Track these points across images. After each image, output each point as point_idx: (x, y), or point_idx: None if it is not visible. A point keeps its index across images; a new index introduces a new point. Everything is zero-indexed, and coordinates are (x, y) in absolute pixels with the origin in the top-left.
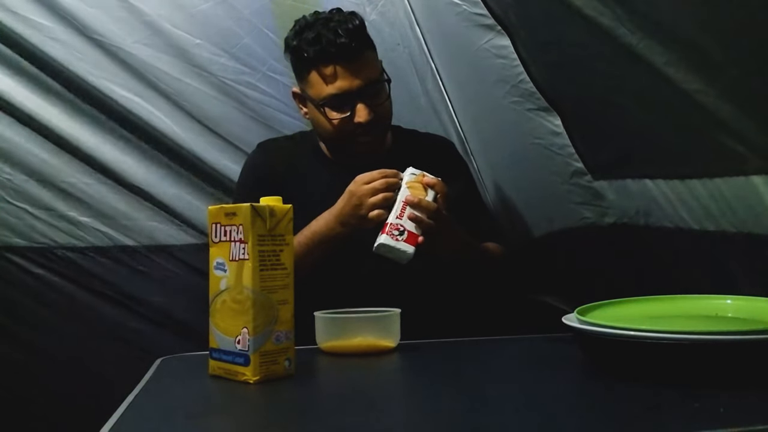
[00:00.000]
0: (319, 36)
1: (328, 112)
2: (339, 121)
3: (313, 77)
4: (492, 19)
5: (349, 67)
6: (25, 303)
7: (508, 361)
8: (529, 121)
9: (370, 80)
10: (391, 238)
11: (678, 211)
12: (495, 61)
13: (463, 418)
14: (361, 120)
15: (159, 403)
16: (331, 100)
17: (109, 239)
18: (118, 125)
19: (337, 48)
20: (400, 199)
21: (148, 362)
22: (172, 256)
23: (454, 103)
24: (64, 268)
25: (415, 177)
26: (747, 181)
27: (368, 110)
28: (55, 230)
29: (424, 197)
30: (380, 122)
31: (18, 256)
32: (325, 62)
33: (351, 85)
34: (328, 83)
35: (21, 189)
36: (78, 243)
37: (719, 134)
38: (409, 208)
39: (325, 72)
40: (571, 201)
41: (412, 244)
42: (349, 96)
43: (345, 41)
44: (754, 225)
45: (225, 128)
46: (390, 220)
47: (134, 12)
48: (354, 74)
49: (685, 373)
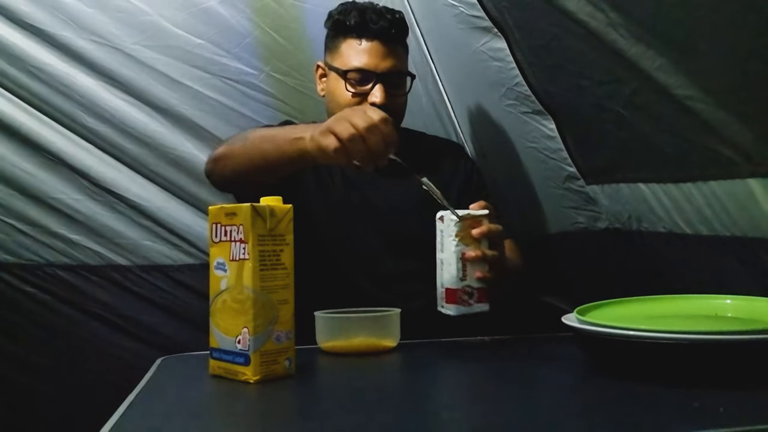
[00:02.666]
0: (365, 11)
1: (347, 84)
2: (354, 95)
3: (344, 46)
4: (489, 22)
5: (381, 49)
6: (15, 321)
7: (508, 361)
8: (524, 125)
9: (396, 68)
10: (463, 306)
11: (671, 215)
12: (491, 64)
13: (463, 418)
14: (376, 100)
15: (159, 403)
16: (355, 72)
17: (101, 258)
18: (112, 134)
19: (378, 26)
20: (455, 257)
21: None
22: (168, 276)
23: (453, 105)
24: (53, 285)
25: (462, 224)
26: (743, 184)
27: (385, 94)
28: (44, 247)
29: (479, 246)
30: (391, 112)
31: (6, 273)
32: (361, 35)
33: (378, 66)
34: (357, 56)
35: (7, 204)
36: (69, 261)
37: (711, 140)
38: (470, 265)
39: (358, 44)
40: (564, 205)
41: (485, 301)
42: (372, 75)
43: (386, 24)
44: (749, 228)
45: (226, 131)
46: (452, 285)
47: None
48: (383, 57)
49: (685, 373)
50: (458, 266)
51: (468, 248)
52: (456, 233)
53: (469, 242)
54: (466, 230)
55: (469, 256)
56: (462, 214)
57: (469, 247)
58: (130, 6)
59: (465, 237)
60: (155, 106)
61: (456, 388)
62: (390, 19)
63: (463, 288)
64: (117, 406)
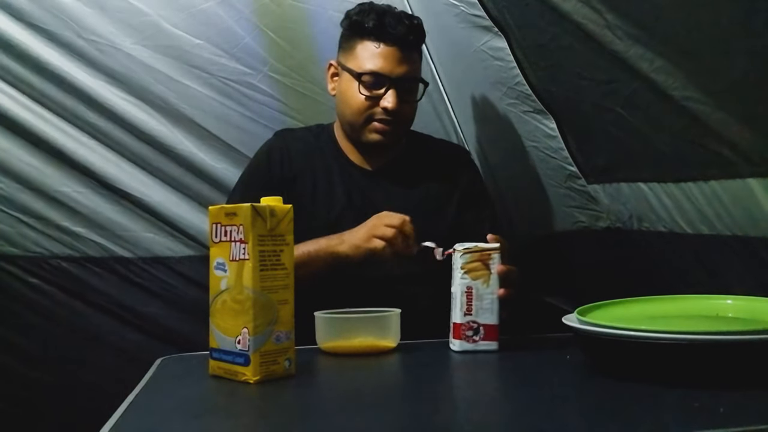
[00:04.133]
0: (384, 15)
1: (361, 86)
2: (367, 98)
3: (360, 48)
4: (489, 21)
5: (397, 54)
6: (19, 312)
7: (508, 361)
8: (525, 124)
9: (410, 74)
10: (467, 343)
11: (672, 214)
12: (492, 63)
13: (463, 418)
14: (387, 105)
15: (159, 403)
16: (370, 75)
17: (104, 250)
18: (114, 131)
19: (396, 31)
20: (460, 291)
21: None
22: (169, 268)
23: (453, 104)
24: (58, 277)
25: (469, 257)
26: (743, 183)
27: (397, 99)
28: (48, 240)
29: (488, 278)
30: (401, 117)
31: (11, 265)
32: (379, 38)
33: (393, 70)
34: (373, 59)
35: (13, 197)
36: (72, 253)
37: (711, 140)
38: (476, 301)
39: (374, 47)
40: (566, 204)
41: (493, 339)
42: (387, 79)
43: (404, 30)
44: (750, 228)
45: (225, 130)
46: (457, 320)
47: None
48: (399, 62)
49: (685, 373)
50: (462, 300)
51: (476, 282)
52: (462, 265)
53: (478, 276)
54: (474, 263)
55: (472, 290)
56: (470, 248)
57: (477, 281)
58: (129, 6)
59: (472, 270)
60: (155, 105)
61: (456, 388)
62: (408, 24)
63: (468, 324)
64: (118, 395)
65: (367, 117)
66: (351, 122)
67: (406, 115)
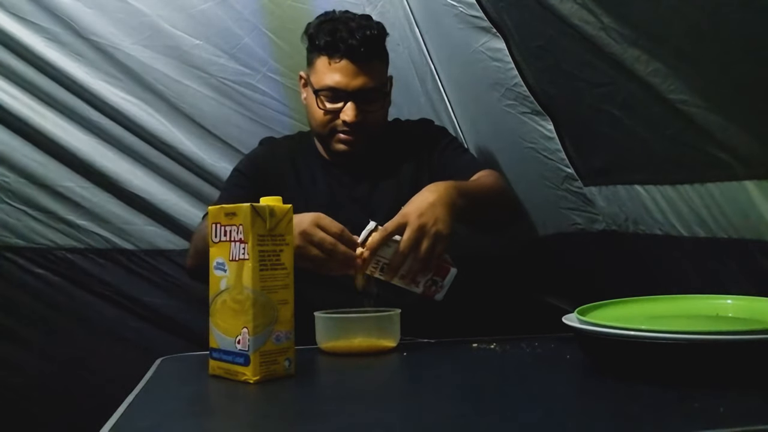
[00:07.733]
0: (336, 30)
1: (321, 101)
2: (327, 112)
3: (318, 64)
4: (488, 22)
5: (351, 68)
6: (25, 302)
7: (508, 361)
8: (522, 125)
9: (367, 86)
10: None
11: (668, 218)
12: (490, 64)
13: (463, 418)
14: (346, 119)
15: (159, 403)
16: (327, 91)
17: (107, 242)
18: (115, 129)
19: (346, 46)
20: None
21: (148, 362)
22: (170, 260)
23: (452, 104)
24: (63, 268)
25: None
26: (739, 186)
27: (356, 112)
28: (54, 232)
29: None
30: (366, 127)
31: (17, 256)
32: (332, 55)
33: (348, 84)
34: (329, 74)
35: (19, 191)
36: (77, 245)
37: (707, 143)
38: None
39: (329, 64)
40: (563, 206)
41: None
42: (344, 93)
43: (355, 43)
44: (746, 231)
45: (224, 130)
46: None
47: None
48: (354, 75)
49: (685, 373)
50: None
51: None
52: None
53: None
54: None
55: None
56: None
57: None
58: (129, 6)
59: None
60: (155, 105)
61: (456, 388)
62: (362, 35)
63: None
64: (121, 382)
65: (331, 129)
66: (317, 134)
67: (371, 124)
